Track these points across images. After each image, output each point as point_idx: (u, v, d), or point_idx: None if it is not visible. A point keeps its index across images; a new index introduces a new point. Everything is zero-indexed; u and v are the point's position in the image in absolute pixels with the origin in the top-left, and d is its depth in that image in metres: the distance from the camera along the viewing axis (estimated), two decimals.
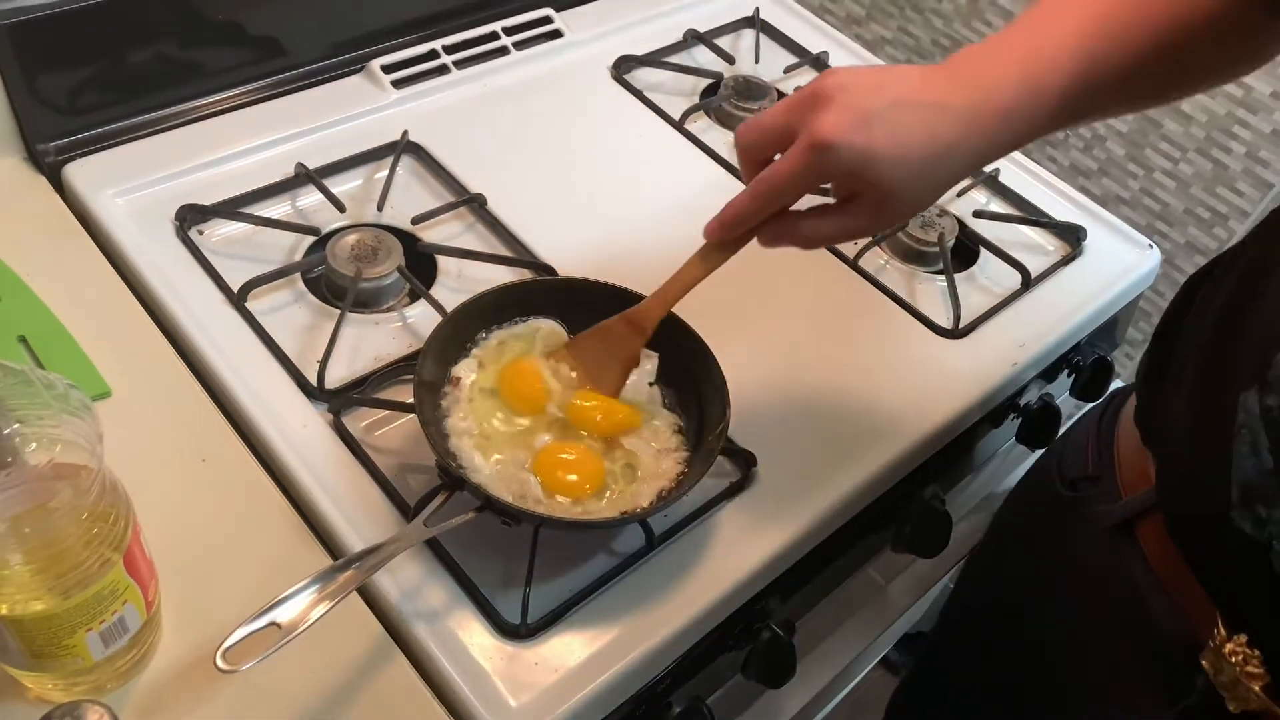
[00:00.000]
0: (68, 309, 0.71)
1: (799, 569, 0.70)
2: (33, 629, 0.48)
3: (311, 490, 0.64)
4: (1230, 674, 0.51)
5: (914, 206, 0.56)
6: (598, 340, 0.67)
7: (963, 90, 0.53)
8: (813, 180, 0.54)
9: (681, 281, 0.63)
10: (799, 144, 0.53)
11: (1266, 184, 1.06)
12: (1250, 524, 0.47)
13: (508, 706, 0.56)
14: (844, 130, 0.51)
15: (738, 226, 0.58)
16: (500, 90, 0.96)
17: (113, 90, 0.82)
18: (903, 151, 0.52)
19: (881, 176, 0.52)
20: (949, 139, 0.53)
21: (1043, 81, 0.53)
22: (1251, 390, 0.47)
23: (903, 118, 0.52)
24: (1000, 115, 0.53)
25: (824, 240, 0.59)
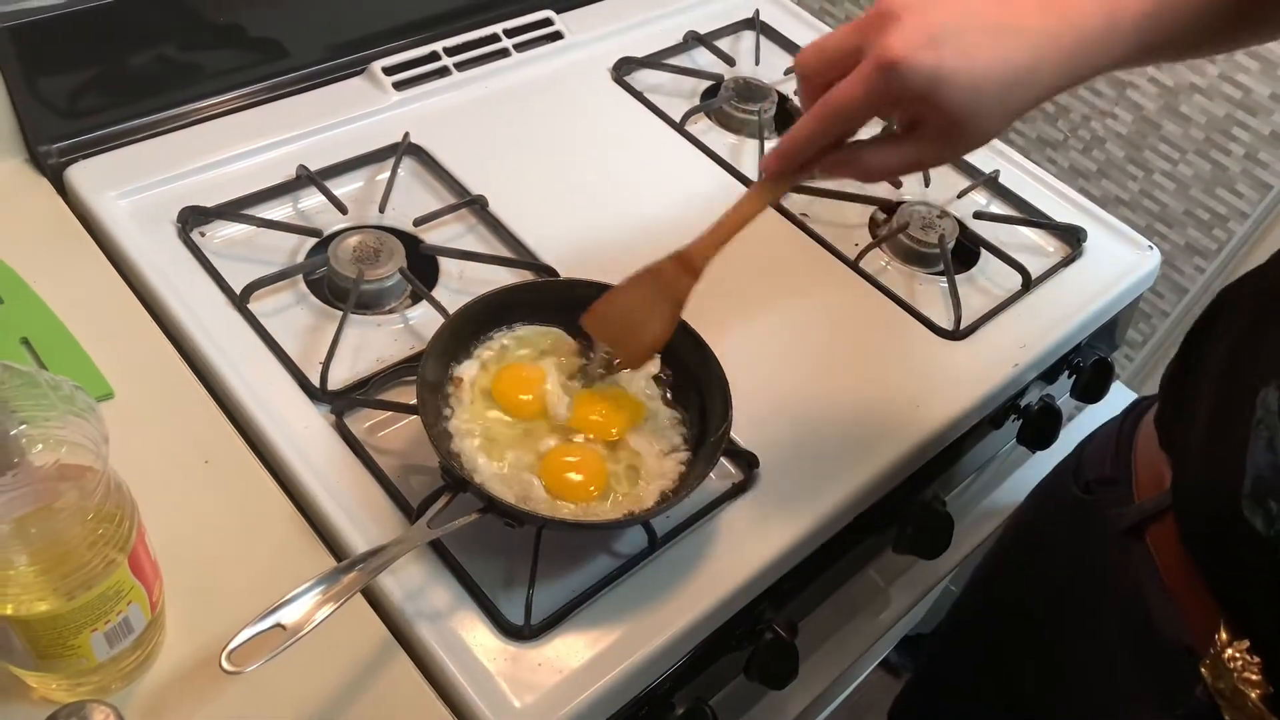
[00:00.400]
0: (70, 311, 0.71)
1: (801, 570, 0.70)
2: (38, 629, 0.48)
3: (314, 491, 0.64)
4: (1229, 682, 0.51)
5: (983, 134, 0.53)
6: (638, 289, 0.63)
7: (1039, 12, 0.50)
8: (879, 103, 0.51)
9: (736, 218, 0.59)
10: (865, 64, 0.50)
11: (1265, 185, 1.06)
12: (1261, 520, 0.47)
13: (512, 707, 0.56)
14: (913, 49, 0.48)
15: (798, 156, 0.55)
16: (501, 92, 0.96)
17: (115, 92, 0.82)
18: (974, 73, 0.49)
19: (951, 100, 0.49)
20: (1023, 62, 0.50)
21: (1122, 14, 0.50)
22: (1271, 386, 0.47)
23: (975, 38, 0.49)
24: (1079, 44, 0.50)
25: (888, 171, 0.55)
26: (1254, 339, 0.53)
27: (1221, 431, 0.52)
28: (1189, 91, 1.08)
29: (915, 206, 0.92)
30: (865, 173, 0.55)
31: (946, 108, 0.50)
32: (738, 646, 0.69)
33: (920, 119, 0.52)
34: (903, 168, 0.55)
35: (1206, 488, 0.54)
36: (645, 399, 0.68)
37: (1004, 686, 0.74)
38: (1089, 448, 0.71)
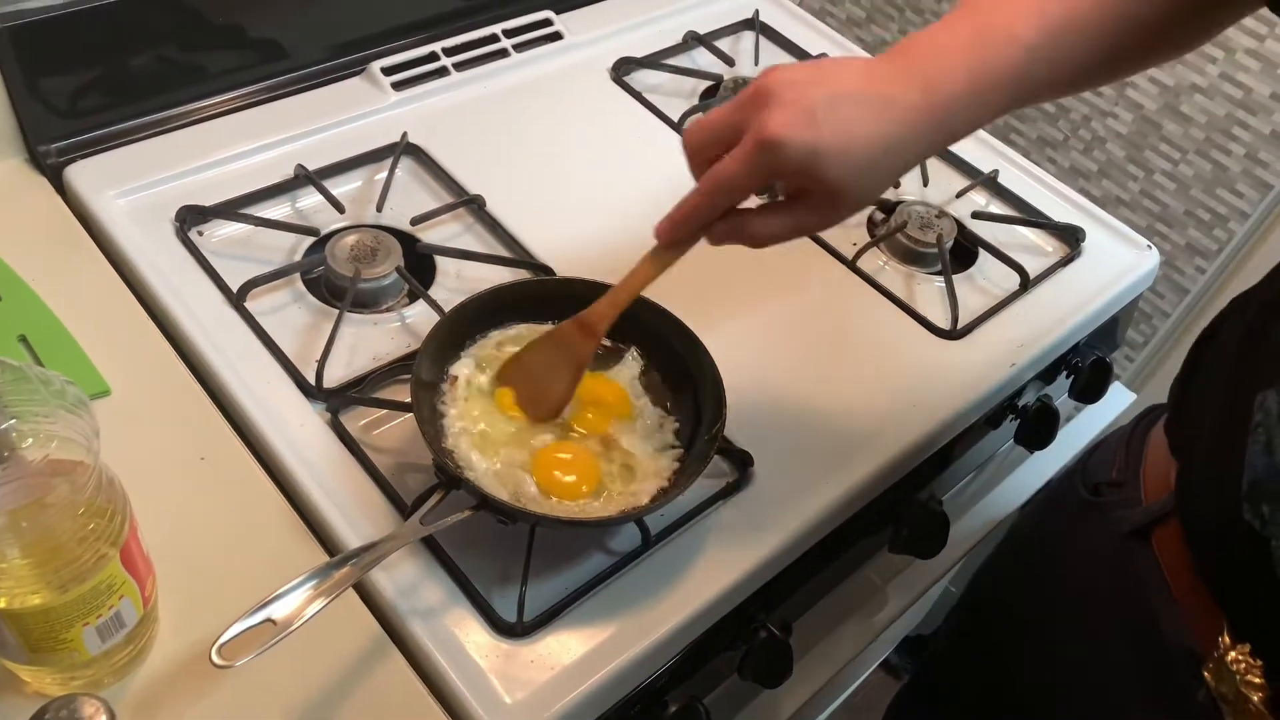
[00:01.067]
0: (68, 309, 0.71)
1: (795, 569, 0.70)
2: (30, 622, 0.48)
3: (309, 488, 0.64)
4: (1231, 685, 0.51)
5: (863, 200, 0.56)
6: (543, 350, 0.65)
7: (909, 81, 0.53)
8: (761, 178, 0.54)
9: (633, 282, 0.62)
10: (746, 142, 0.53)
11: (1266, 185, 1.06)
12: (1257, 521, 0.47)
13: (503, 704, 0.56)
14: (790, 127, 0.51)
15: (688, 226, 0.58)
16: (500, 92, 0.96)
17: (114, 92, 0.82)
18: (850, 146, 0.52)
19: (830, 172, 0.52)
20: (897, 132, 0.52)
21: (990, 77, 0.53)
22: (1271, 390, 0.47)
23: (849, 112, 0.52)
24: (948, 105, 0.53)
25: (774, 238, 0.58)
26: (1255, 345, 0.53)
27: (1224, 435, 0.52)
28: (1189, 91, 1.08)
29: (913, 206, 0.92)
30: (753, 239, 0.58)
31: (825, 179, 0.52)
32: (731, 645, 0.69)
33: (803, 189, 0.55)
34: (788, 234, 0.57)
35: (1209, 489, 0.54)
36: (633, 398, 0.68)
37: (1003, 689, 0.74)
38: (1096, 452, 0.71)
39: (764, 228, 0.57)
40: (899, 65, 0.54)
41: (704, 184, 0.55)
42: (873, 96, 0.52)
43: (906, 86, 0.52)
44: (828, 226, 0.57)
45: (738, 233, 0.57)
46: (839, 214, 0.56)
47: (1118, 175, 1.18)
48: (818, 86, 0.52)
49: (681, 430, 0.68)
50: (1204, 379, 0.59)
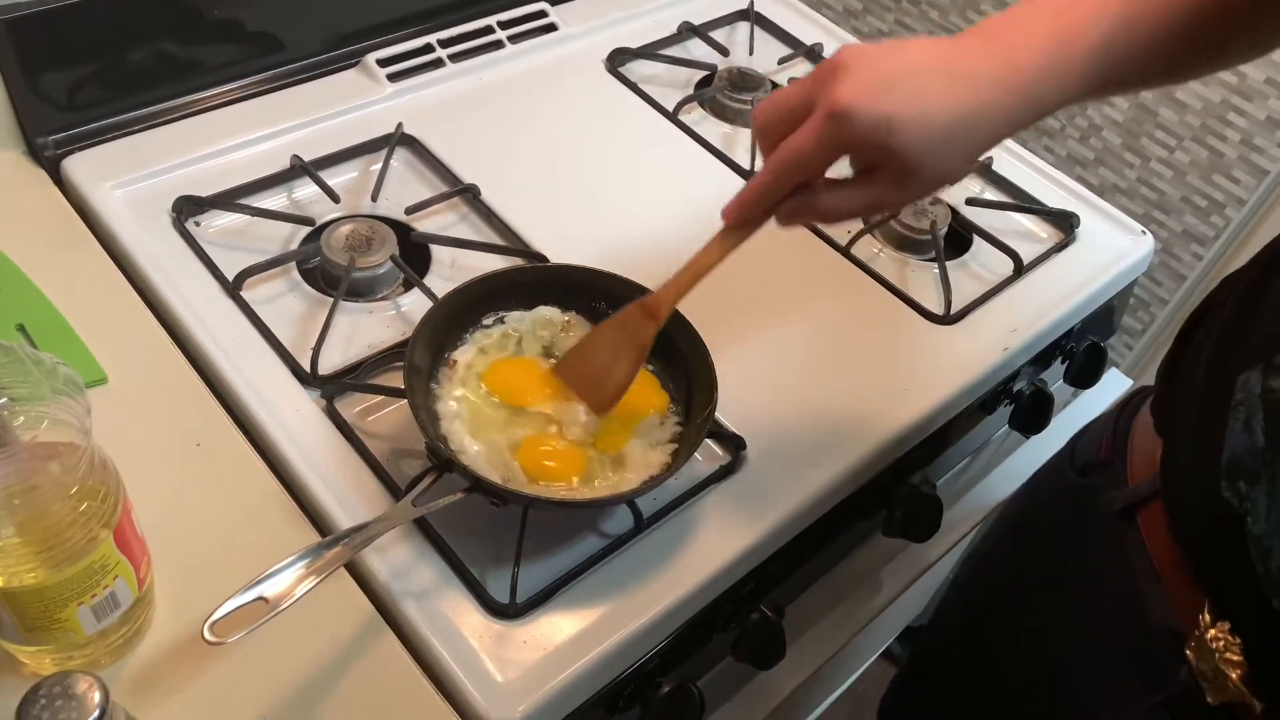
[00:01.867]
0: (66, 298, 0.72)
1: (788, 552, 0.70)
2: (25, 601, 0.49)
3: (304, 473, 0.65)
4: (1211, 662, 0.51)
5: (940, 177, 0.54)
6: (606, 335, 0.65)
7: (989, 55, 0.51)
8: (832, 150, 0.52)
9: (697, 267, 0.60)
10: (817, 114, 0.51)
11: (1262, 170, 1.06)
12: (1235, 499, 0.48)
13: (495, 682, 0.57)
14: (862, 96, 0.49)
15: (756, 205, 0.56)
16: (495, 83, 0.96)
17: (111, 84, 0.83)
18: (925, 117, 0.50)
19: (904, 143, 0.50)
20: (974, 103, 0.51)
21: (1071, 50, 0.51)
22: (1254, 370, 0.47)
23: (925, 83, 0.50)
24: (1029, 80, 0.51)
25: (846, 214, 0.56)
26: (1239, 326, 0.53)
27: (1207, 415, 0.52)
28: None
29: None
30: (824, 215, 0.56)
31: (898, 151, 0.51)
32: (725, 627, 0.69)
33: (875, 164, 0.53)
34: (861, 210, 0.56)
35: (1190, 468, 0.54)
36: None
37: (992, 672, 0.74)
38: (1085, 434, 0.71)
39: (836, 202, 0.55)
40: (978, 41, 0.52)
41: (772, 161, 0.54)
42: (951, 70, 0.51)
43: (989, 61, 0.51)
44: (903, 204, 0.54)
45: (808, 209, 0.55)
46: (914, 190, 0.54)
47: (1114, 163, 1.18)
48: (892, 60, 0.51)
49: (676, 419, 0.68)
50: (1190, 360, 0.59)
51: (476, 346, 0.69)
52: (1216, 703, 0.51)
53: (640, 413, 0.67)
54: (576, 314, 0.72)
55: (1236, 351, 0.51)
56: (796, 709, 0.95)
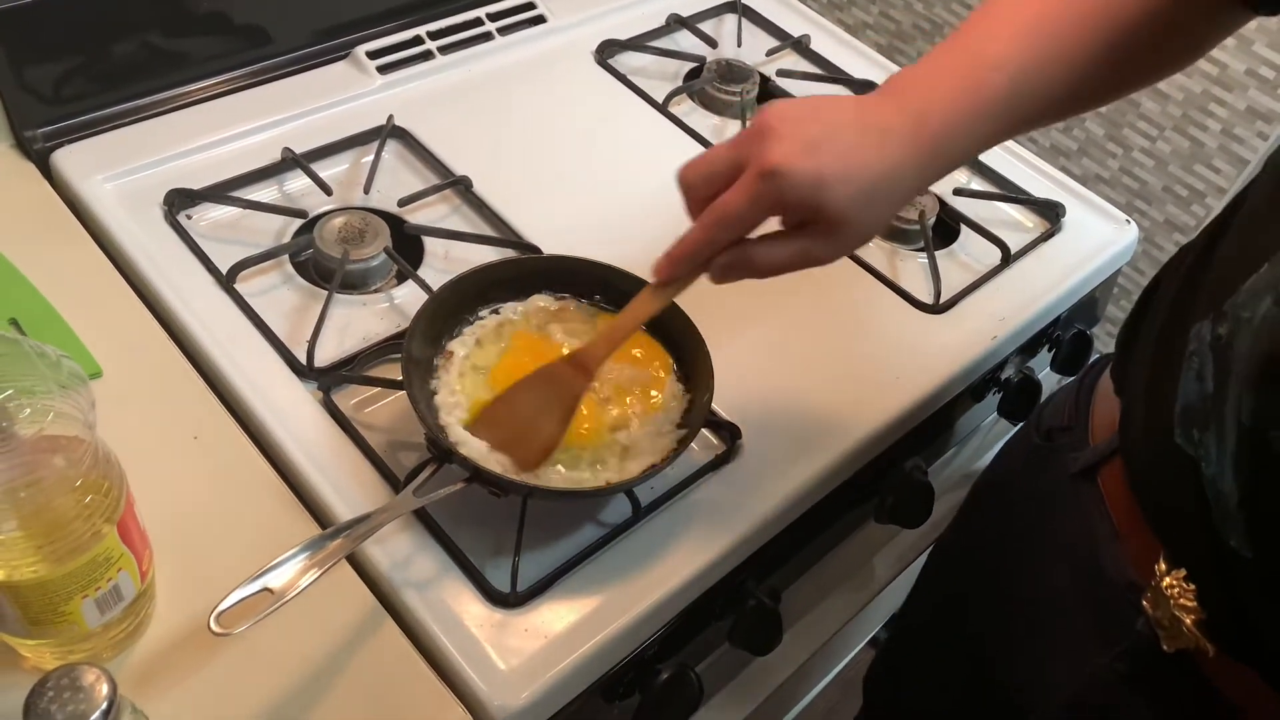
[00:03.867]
0: (58, 293, 0.71)
1: (784, 539, 0.71)
2: (29, 595, 0.49)
3: (303, 465, 0.65)
4: (1166, 610, 0.53)
5: (865, 230, 0.56)
6: (532, 389, 0.63)
7: (900, 112, 0.54)
8: (765, 208, 0.54)
9: (628, 322, 0.61)
10: (748, 174, 0.53)
11: (1242, 160, 1.07)
12: (1189, 447, 0.49)
13: (497, 670, 0.57)
14: (791, 157, 0.52)
15: (688, 262, 0.57)
16: (485, 75, 0.97)
17: (100, 77, 0.82)
18: (850, 174, 0.53)
19: (832, 200, 0.53)
20: (894, 159, 0.53)
21: (977, 98, 0.54)
22: (1205, 321, 0.49)
23: (848, 141, 0.53)
24: (942, 132, 0.54)
25: (780, 267, 0.57)
26: (1190, 285, 0.55)
27: (1162, 370, 0.54)
28: None
29: None
30: (758, 269, 0.57)
31: (828, 207, 0.53)
32: (721, 614, 0.70)
33: (805, 221, 0.55)
34: (795, 263, 0.57)
35: (1145, 421, 0.56)
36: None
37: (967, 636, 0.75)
38: (1050, 402, 0.73)
39: (768, 257, 0.56)
40: (890, 99, 0.55)
41: (705, 218, 0.55)
42: (869, 127, 0.54)
43: (900, 118, 0.54)
44: (834, 257, 0.57)
45: (742, 264, 0.57)
46: (843, 243, 0.56)
47: (1097, 153, 1.19)
48: (815, 121, 0.53)
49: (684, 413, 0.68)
50: (1146, 325, 0.61)
51: (473, 337, 0.69)
52: (1172, 649, 0.53)
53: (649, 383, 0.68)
54: (572, 299, 0.72)
55: (1187, 307, 0.52)
56: (788, 695, 0.96)
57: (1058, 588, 0.63)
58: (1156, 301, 0.60)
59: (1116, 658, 0.57)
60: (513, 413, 0.63)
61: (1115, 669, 0.58)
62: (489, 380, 0.67)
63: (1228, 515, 0.47)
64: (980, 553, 0.74)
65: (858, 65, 1.07)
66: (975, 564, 0.75)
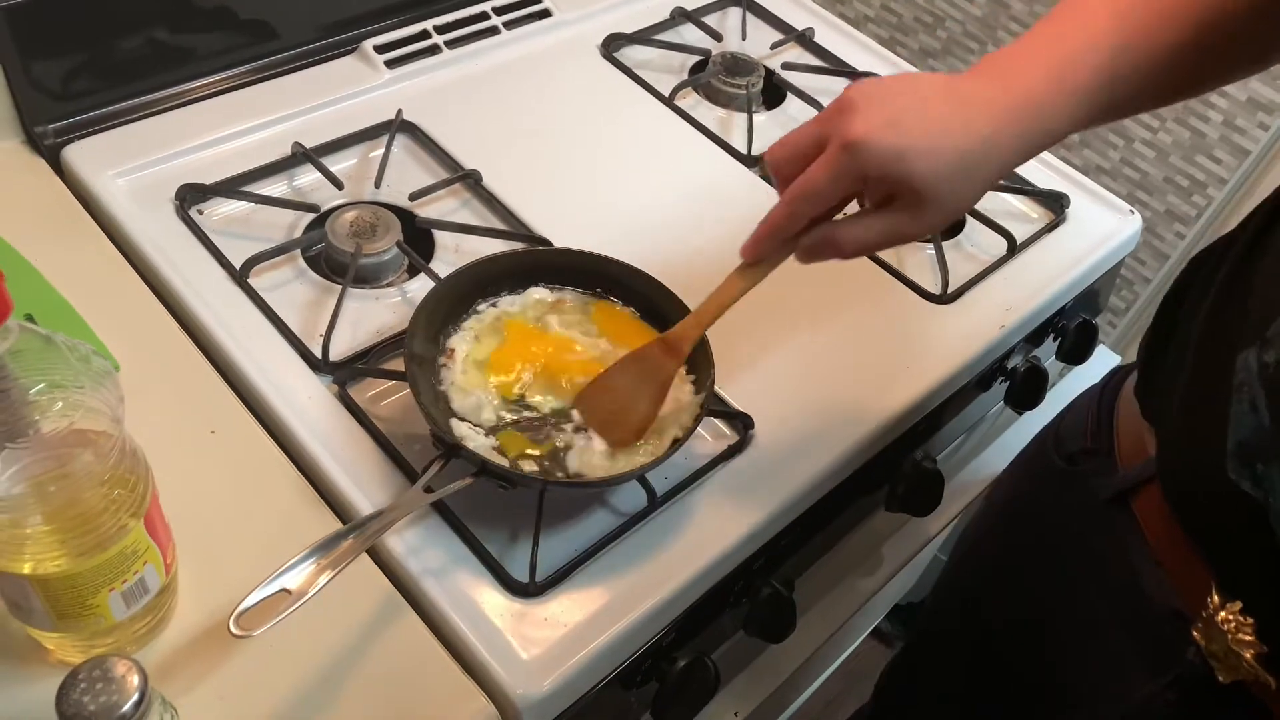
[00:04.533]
0: (72, 288, 0.72)
1: (796, 528, 0.72)
2: (57, 588, 0.49)
3: (320, 458, 0.65)
4: (1222, 643, 0.52)
5: (954, 205, 0.55)
6: (625, 371, 0.64)
7: (995, 86, 0.53)
8: (846, 182, 0.53)
9: (718, 301, 0.61)
10: (830, 148, 0.53)
11: (1243, 151, 1.08)
12: (1249, 483, 0.48)
13: (519, 659, 0.58)
14: (874, 128, 0.51)
15: (772, 240, 0.57)
16: (492, 69, 0.97)
17: (109, 73, 0.82)
18: (935, 146, 0.52)
19: (916, 172, 0.52)
20: (982, 133, 0.53)
21: (1071, 74, 0.53)
22: (1251, 349, 0.48)
23: (933, 114, 0.52)
24: (1032, 109, 0.53)
25: (866, 246, 0.57)
26: (1229, 303, 0.54)
27: (1202, 396, 0.53)
28: None
29: None
30: (843, 249, 0.57)
31: (911, 180, 0.52)
32: (737, 602, 0.71)
33: (890, 195, 0.54)
34: (880, 241, 0.56)
35: (1190, 453, 0.54)
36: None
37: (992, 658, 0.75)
38: (1067, 418, 0.72)
39: (854, 234, 0.56)
40: (984, 75, 0.55)
41: (787, 195, 0.55)
42: (959, 100, 0.53)
43: (992, 92, 0.53)
44: (920, 234, 0.56)
45: (826, 244, 0.57)
46: (930, 219, 0.55)
47: (1098, 144, 1.20)
48: (900, 95, 0.53)
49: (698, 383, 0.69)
50: (1177, 343, 0.60)
51: (472, 332, 0.70)
52: (1228, 681, 0.52)
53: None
54: (569, 290, 0.73)
55: (1227, 332, 0.51)
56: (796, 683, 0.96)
57: (1096, 616, 0.62)
58: (1184, 317, 0.59)
59: (1167, 685, 0.56)
60: (609, 394, 0.65)
61: (1166, 698, 0.57)
62: (488, 371, 0.68)
63: None
64: (1005, 578, 0.73)
65: (861, 58, 1.08)
66: (1001, 589, 0.74)
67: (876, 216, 0.56)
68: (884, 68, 1.06)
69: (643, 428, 0.64)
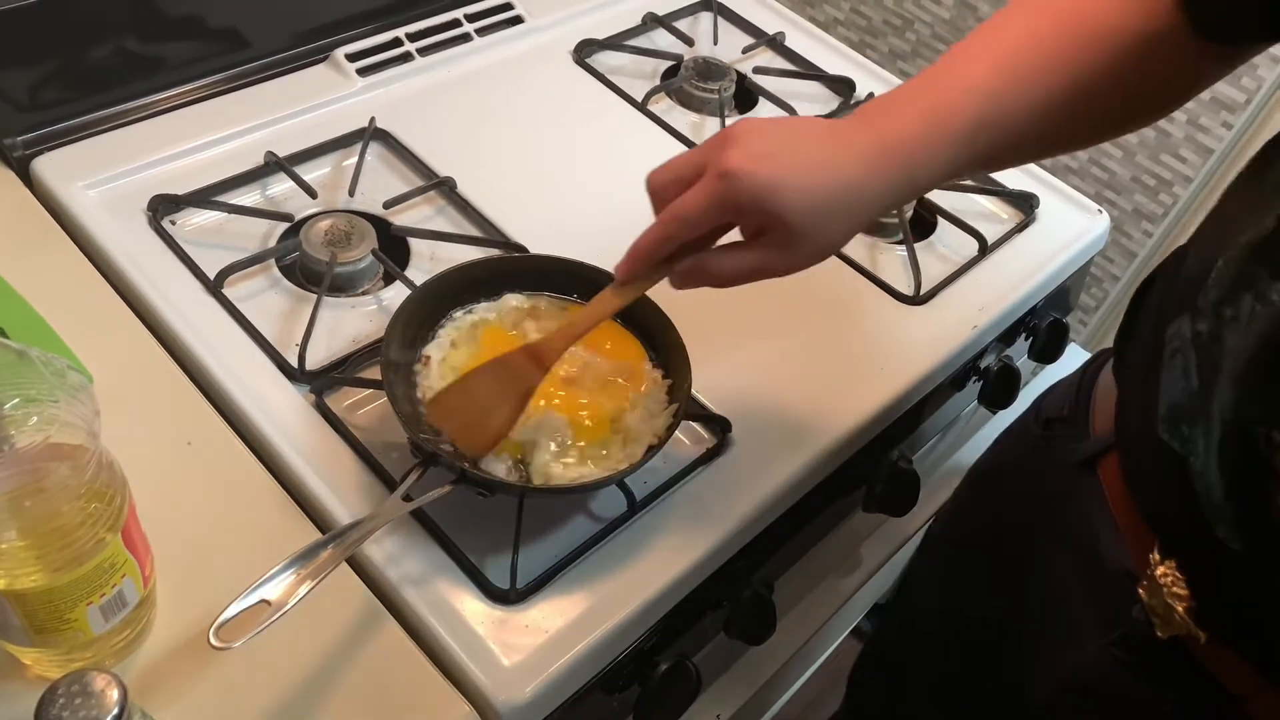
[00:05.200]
0: (44, 301, 0.71)
1: (775, 530, 0.72)
2: (34, 603, 0.49)
3: (298, 468, 0.65)
4: (1159, 598, 0.54)
5: (823, 244, 0.57)
6: (487, 378, 0.63)
7: (866, 133, 0.56)
8: (718, 210, 0.55)
9: (588, 319, 0.62)
10: (706, 176, 0.55)
11: (1208, 150, 1.10)
12: (1177, 443, 0.50)
13: (501, 666, 0.58)
14: (748, 161, 0.54)
15: (646, 260, 0.59)
16: (465, 76, 0.97)
17: (79, 84, 0.82)
18: (805, 184, 0.54)
19: (786, 207, 0.54)
20: (852, 176, 0.55)
21: (945, 123, 0.55)
22: (1184, 317, 0.50)
23: (806, 153, 0.55)
24: (903, 155, 0.55)
25: (737, 277, 0.59)
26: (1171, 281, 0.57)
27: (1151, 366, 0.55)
28: None
29: None
30: (714, 277, 0.59)
31: (781, 215, 0.54)
32: (717, 605, 0.71)
33: (762, 228, 0.57)
34: (751, 273, 0.58)
35: (1136, 417, 0.57)
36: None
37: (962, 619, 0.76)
38: (1050, 395, 0.74)
39: (725, 265, 0.58)
40: (860, 121, 0.57)
41: (663, 216, 0.57)
42: (831, 141, 0.55)
43: (865, 139, 0.55)
44: (790, 269, 0.58)
45: (699, 272, 0.59)
46: (799, 255, 0.57)
47: None
48: (780, 133, 0.55)
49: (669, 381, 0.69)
50: (1140, 323, 0.62)
51: (448, 339, 0.70)
52: (1165, 636, 0.54)
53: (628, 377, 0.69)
54: (545, 296, 0.73)
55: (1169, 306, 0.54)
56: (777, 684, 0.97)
57: (1057, 576, 0.64)
58: (1149, 302, 0.62)
59: (1114, 643, 0.59)
60: (467, 399, 0.64)
61: (1113, 654, 0.59)
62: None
63: (1215, 508, 0.49)
64: (978, 541, 0.75)
65: (832, 61, 1.08)
66: (973, 552, 0.76)
67: (748, 249, 0.58)
68: (854, 71, 1.07)
69: (499, 436, 0.62)
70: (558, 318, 0.72)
